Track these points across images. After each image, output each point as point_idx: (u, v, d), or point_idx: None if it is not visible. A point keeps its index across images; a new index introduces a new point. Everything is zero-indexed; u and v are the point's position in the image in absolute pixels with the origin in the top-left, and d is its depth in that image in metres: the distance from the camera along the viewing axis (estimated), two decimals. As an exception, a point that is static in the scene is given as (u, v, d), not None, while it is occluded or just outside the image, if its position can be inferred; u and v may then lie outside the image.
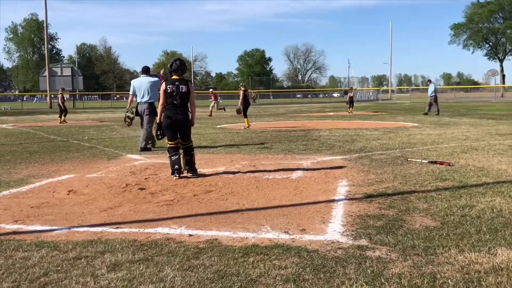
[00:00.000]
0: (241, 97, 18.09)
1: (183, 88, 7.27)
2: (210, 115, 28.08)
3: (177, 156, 7.27)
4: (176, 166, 7.24)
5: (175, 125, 7.28)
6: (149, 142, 10.99)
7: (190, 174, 7.34)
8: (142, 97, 11.09)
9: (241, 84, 19.35)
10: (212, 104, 30.52)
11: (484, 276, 3.26)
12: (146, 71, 11.67)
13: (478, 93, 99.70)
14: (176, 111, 7.24)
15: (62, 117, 23.27)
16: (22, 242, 4.17)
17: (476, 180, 6.65)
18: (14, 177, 7.54)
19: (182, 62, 7.53)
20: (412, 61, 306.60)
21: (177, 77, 7.35)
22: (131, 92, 11.31)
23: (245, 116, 18.03)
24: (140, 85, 11.13)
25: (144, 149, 10.87)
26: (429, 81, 30.13)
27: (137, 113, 11.41)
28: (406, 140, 12.18)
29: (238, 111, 18.42)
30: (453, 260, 3.56)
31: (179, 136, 7.37)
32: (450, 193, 5.84)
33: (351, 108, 29.73)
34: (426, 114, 24.96)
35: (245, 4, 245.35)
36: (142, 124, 11.28)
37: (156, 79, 11.34)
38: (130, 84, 11.43)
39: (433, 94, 25.87)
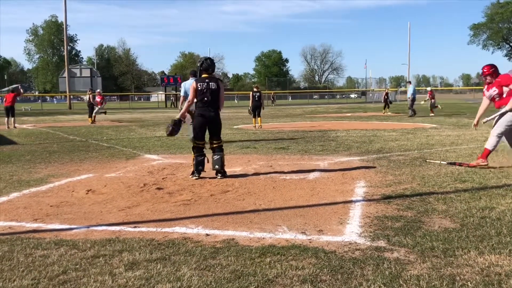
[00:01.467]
0: (251, 98, 18.48)
1: (214, 85, 7.30)
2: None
3: (202, 157, 7.26)
4: (200, 167, 7.24)
5: (207, 122, 7.29)
6: None
7: (220, 176, 7.24)
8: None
9: (254, 85, 19.54)
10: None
11: (504, 278, 3.21)
12: (194, 74, 11.93)
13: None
14: (208, 108, 7.26)
15: (92, 117, 23.42)
16: (42, 240, 4.22)
17: (496, 181, 6.55)
18: (34, 177, 7.64)
19: (212, 61, 7.60)
20: (431, 62, 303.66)
21: (207, 75, 7.38)
22: (182, 94, 11.96)
23: (254, 116, 18.24)
24: (190, 86, 11.50)
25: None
26: (409, 82, 29.39)
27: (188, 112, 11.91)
28: (425, 141, 12.06)
29: (249, 112, 18.76)
30: (473, 262, 3.51)
31: (210, 134, 7.36)
32: (470, 194, 5.76)
33: (386, 109, 29.26)
34: (411, 116, 24.20)
35: (262, 5, 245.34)
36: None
37: None
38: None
39: (412, 96, 25.28)
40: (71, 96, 56.56)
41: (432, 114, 25.71)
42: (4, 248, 4.01)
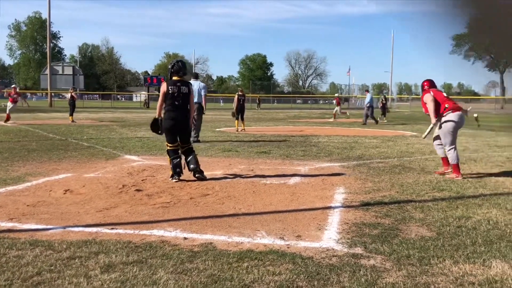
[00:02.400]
0: (235, 101, 18.61)
1: (185, 89, 7.24)
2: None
3: (178, 160, 7.22)
4: (178, 169, 7.18)
5: (177, 127, 7.22)
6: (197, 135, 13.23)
7: (198, 175, 7.22)
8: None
9: (239, 89, 19.66)
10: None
11: (478, 288, 3.26)
12: (196, 76, 13.99)
13: (478, 104, 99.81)
14: (178, 112, 7.20)
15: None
16: (17, 240, 4.16)
17: (473, 191, 6.65)
18: (11, 175, 7.53)
19: (184, 63, 7.53)
20: (413, 70, 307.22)
21: (179, 78, 7.31)
22: (204, 93, 13.31)
23: (237, 119, 18.39)
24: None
25: (197, 141, 12.83)
26: (366, 90, 28.60)
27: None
28: (405, 149, 12.19)
29: (233, 114, 18.86)
30: (448, 271, 3.55)
31: (179, 138, 7.30)
32: (447, 203, 5.84)
33: (383, 116, 28.73)
34: (365, 124, 24.21)
35: (249, 8, 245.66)
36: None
37: (203, 84, 13.63)
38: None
39: (369, 104, 24.94)
40: (52, 94, 55.93)
41: (331, 120, 27.17)
42: (-22, 247, 3.94)
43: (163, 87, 7.28)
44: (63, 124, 21.43)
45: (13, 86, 25.81)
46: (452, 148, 7.72)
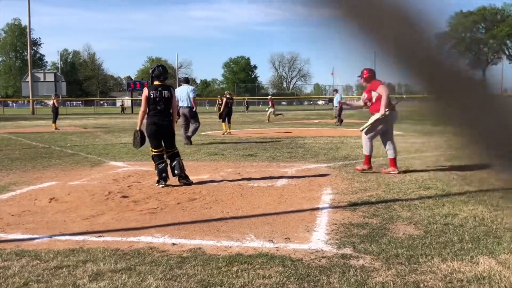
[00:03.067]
0: (224, 104, 18.69)
1: (166, 93, 7.18)
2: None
3: (163, 164, 7.14)
4: (164, 174, 7.10)
5: (160, 132, 7.15)
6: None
7: (182, 181, 7.20)
8: (182, 102, 13.46)
9: (227, 92, 19.71)
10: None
11: (466, 285, 3.28)
12: (187, 80, 14.66)
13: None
14: (161, 117, 7.12)
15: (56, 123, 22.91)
16: (2, 251, 4.10)
17: (459, 188, 6.72)
18: (-6, 184, 7.42)
19: (165, 68, 7.50)
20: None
21: (160, 83, 7.26)
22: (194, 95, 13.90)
23: (224, 121, 18.43)
24: (181, 92, 13.48)
25: (189, 142, 13.60)
26: (335, 90, 27.45)
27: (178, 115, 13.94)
28: (390, 148, 12.24)
29: (220, 116, 18.98)
30: (436, 269, 3.58)
31: (164, 143, 7.23)
32: (433, 201, 5.88)
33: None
34: (338, 125, 23.73)
35: (231, 11, 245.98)
36: (184, 125, 13.83)
37: (192, 87, 14.22)
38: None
39: (338, 105, 24.34)
40: (35, 101, 55.35)
41: (267, 121, 27.32)
42: (-38, 259, 3.87)
43: (145, 92, 7.23)
44: (47, 131, 21.20)
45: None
46: (369, 139, 8.16)
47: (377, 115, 7.97)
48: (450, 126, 1.03)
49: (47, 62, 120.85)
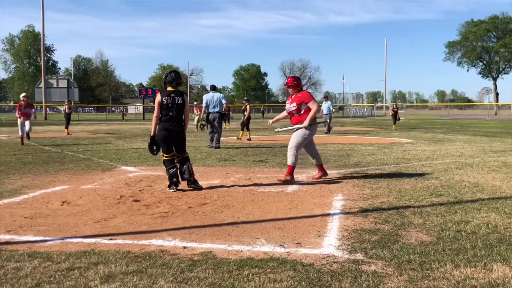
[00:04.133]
0: (248, 111, 19.10)
1: (179, 100, 7.18)
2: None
3: (174, 169, 7.15)
4: (175, 179, 7.12)
5: (171, 137, 7.15)
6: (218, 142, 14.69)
7: (192, 185, 7.22)
8: (214, 108, 14.62)
9: (246, 98, 19.91)
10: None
11: (480, 291, 3.24)
12: (214, 88, 15.35)
13: (472, 110, 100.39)
14: (172, 123, 7.12)
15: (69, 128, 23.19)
16: (15, 252, 4.12)
17: (471, 196, 6.66)
18: (7, 188, 7.49)
19: (177, 74, 7.48)
20: (407, 78, 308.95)
21: (172, 89, 7.25)
22: (204, 105, 14.89)
23: (248, 129, 18.75)
24: (212, 99, 14.63)
25: (218, 147, 14.40)
26: (325, 98, 25.86)
27: (207, 120, 15.09)
28: (401, 155, 12.20)
29: (243, 124, 19.13)
30: (449, 275, 3.54)
31: (174, 149, 7.24)
32: (445, 208, 5.84)
33: (394, 125, 28.39)
34: (327, 133, 22.87)
35: (242, 19, 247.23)
36: (213, 129, 14.69)
37: (222, 94, 15.19)
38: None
39: (328, 112, 23.71)
40: (47, 107, 55.82)
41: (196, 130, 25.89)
42: (-25, 260, 3.91)
43: (158, 98, 7.22)
44: (59, 136, 21.37)
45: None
46: (295, 150, 7.99)
47: (300, 126, 7.97)
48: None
49: (60, 68, 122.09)
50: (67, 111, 23.65)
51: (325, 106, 23.76)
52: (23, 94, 18.03)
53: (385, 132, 25.14)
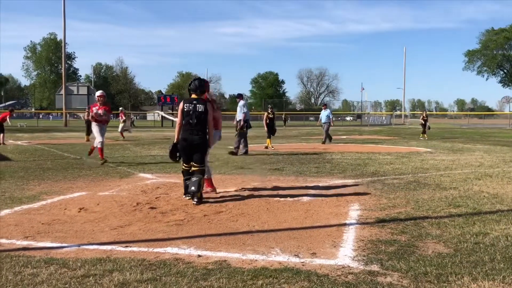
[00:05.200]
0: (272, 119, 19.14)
1: (201, 107, 7.00)
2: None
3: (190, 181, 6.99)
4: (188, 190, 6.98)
5: (190, 146, 6.96)
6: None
7: (195, 201, 6.77)
8: (237, 115, 15.74)
9: (271, 106, 19.92)
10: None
11: (498, 305, 3.18)
12: (239, 96, 16.62)
13: (492, 120, 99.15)
14: (191, 131, 6.95)
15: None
16: (32, 258, 4.17)
17: (490, 207, 6.56)
18: (26, 194, 7.58)
19: (201, 81, 7.30)
20: (426, 87, 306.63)
21: (195, 97, 7.13)
22: (245, 111, 15.69)
23: (269, 137, 18.80)
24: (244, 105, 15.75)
25: (245, 153, 15.30)
26: (324, 105, 24.70)
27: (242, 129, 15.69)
28: (419, 165, 12.08)
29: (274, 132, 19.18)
30: (466, 288, 3.49)
31: (193, 158, 7.01)
32: (464, 219, 5.75)
33: (424, 134, 27.23)
34: (324, 143, 21.74)
35: (261, 27, 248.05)
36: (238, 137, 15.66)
37: (243, 102, 16.00)
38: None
39: (327, 121, 22.38)
40: (67, 114, 56.58)
41: (121, 139, 24.86)
42: (-7, 265, 3.96)
43: (180, 105, 7.13)
44: (78, 143, 21.61)
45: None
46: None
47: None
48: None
49: (80, 75, 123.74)
50: (85, 117, 23.92)
51: (324, 114, 22.76)
52: (98, 93, 13.37)
53: (404, 141, 24.91)
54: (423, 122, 28.11)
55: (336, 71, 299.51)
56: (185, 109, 7.04)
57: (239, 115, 15.66)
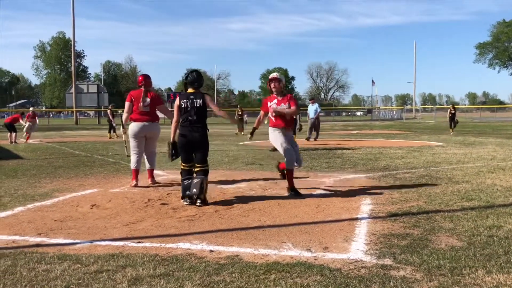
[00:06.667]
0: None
1: (199, 102, 6.55)
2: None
3: (190, 181, 6.49)
4: (188, 192, 6.44)
5: (190, 144, 6.53)
6: None
7: (198, 203, 6.37)
8: None
9: None
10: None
11: (513, 298, 3.15)
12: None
13: (505, 113, 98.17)
14: (191, 128, 6.51)
15: (112, 133, 23.73)
16: (45, 254, 4.20)
17: (503, 200, 6.50)
18: (39, 191, 7.64)
19: (199, 74, 6.91)
20: (437, 81, 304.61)
21: (193, 91, 6.69)
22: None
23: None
24: None
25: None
26: (312, 99, 22.59)
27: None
28: (431, 159, 12.00)
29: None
30: (481, 281, 3.46)
31: (194, 157, 6.61)
32: (477, 213, 5.71)
33: (452, 128, 26.49)
34: (309, 139, 20.10)
35: (269, 23, 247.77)
36: None
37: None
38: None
39: (313, 116, 20.48)
40: (78, 112, 56.90)
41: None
42: (7, 262, 3.99)
43: (176, 101, 6.68)
44: (89, 141, 21.74)
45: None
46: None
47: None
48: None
49: (90, 74, 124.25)
50: (110, 115, 24.08)
51: (312, 109, 20.97)
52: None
53: (415, 135, 24.77)
54: (450, 116, 26.99)
55: (346, 65, 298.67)
56: (182, 105, 6.59)
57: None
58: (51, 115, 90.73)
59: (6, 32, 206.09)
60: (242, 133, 25.97)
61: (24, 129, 21.54)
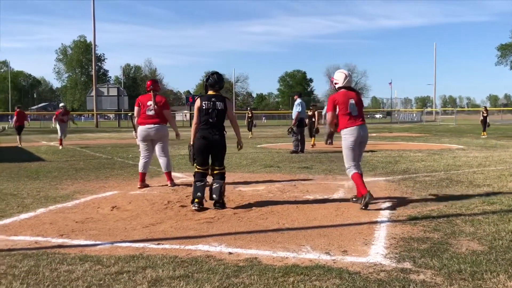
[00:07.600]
0: (317, 118, 18.80)
1: (220, 105, 6.43)
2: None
3: (202, 183, 6.41)
4: (199, 194, 6.32)
5: (210, 147, 6.44)
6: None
7: (217, 206, 6.37)
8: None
9: (313, 104, 19.56)
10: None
11: (536, 304, 3.11)
12: (300, 94, 16.60)
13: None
14: (212, 130, 6.41)
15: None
16: (67, 255, 4.26)
17: (526, 204, 6.39)
18: (60, 193, 7.75)
19: (220, 76, 6.76)
20: (457, 83, 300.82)
21: (214, 93, 6.58)
22: (299, 110, 15.43)
23: (313, 135, 18.61)
24: (303, 104, 15.80)
25: (302, 151, 15.12)
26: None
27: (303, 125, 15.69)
28: (452, 162, 11.87)
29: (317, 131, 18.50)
30: (502, 286, 3.42)
31: (212, 160, 6.56)
32: (498, 217, 5.63)
33: (484, 131, 25.81)
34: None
35: (288, 25, 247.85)
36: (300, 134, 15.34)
37: (300, 101, 15.78)
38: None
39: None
40: (98, 115, 57.52)
41: None
42: (30, 262, 4.06)
43: (197, 103, 6.50)
44: (109, 143, 21.96)
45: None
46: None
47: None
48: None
49: (110, 77, 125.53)
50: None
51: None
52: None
53: (435, 138, 24.51)
54: (482, 118, 26.22)
55: (365, 68, 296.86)
56: (204, 107, 6.43)
57: (294, 113, 15.56)
58: (76, 118, 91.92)
59: (27, 36, 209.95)
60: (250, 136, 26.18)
61: (59, 132, 19.69)
